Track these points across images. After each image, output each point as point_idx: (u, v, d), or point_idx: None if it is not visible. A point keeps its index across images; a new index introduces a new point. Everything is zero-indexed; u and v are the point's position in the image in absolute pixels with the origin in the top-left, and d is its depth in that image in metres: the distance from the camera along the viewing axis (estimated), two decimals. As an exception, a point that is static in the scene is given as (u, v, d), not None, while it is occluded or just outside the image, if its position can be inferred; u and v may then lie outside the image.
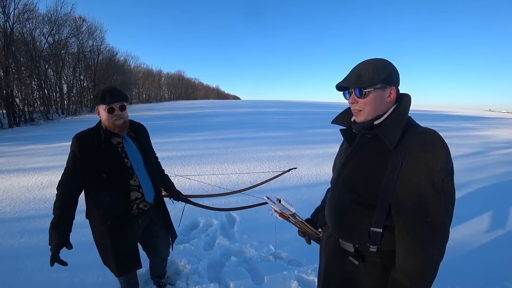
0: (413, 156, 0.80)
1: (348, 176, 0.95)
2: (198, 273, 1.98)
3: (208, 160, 5.43)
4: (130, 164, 1.46)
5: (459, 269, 2.19)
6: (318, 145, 7.04)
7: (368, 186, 0.88)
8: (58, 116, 15.16)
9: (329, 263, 1.07)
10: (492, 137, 9.56)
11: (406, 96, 0.91)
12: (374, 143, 0.89)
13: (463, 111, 33.70)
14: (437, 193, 0.77)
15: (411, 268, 0.81)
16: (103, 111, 1.38)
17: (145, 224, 1.61)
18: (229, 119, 13.73)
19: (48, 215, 2.96)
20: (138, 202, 1.51)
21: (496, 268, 2.24)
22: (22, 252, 2.36)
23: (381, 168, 0.85)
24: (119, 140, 1.47)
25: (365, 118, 0.91)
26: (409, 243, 0.81)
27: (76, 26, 16.75)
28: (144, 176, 1.52)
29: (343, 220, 0.97)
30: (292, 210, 1.18)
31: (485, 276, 2.14)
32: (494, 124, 15.25)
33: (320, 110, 21.99)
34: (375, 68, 0.87)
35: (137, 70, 32.44)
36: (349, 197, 0.94)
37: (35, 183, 4.14)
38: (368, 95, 0.87)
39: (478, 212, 3.26)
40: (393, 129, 0.84)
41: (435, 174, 0.77)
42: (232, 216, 2.98)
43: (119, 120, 1.39)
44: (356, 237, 0.93)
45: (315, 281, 1.98)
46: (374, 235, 0.89)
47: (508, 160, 6.01)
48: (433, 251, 0.79)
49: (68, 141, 6.27)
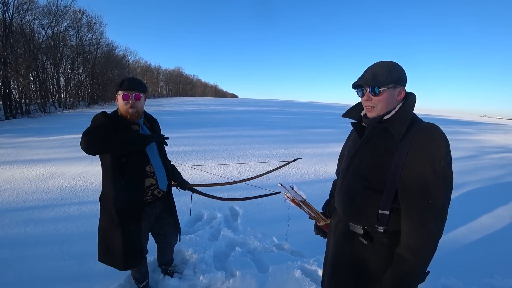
0: (417, 147, 0.90)
1: (359, 164, 1.04)
2: (205, 262, 2.05)
3: (209, 156, 5.50)
4: (145, 152, 1.50)
5: (453, 262, 2.30)
6: (317, 144, 7.14)
7: (377, 173, 0.98)
8: (55, 109, 15.03)
9: (339, 245, 1.16)
10: (487, 141, 9.79)
11: (411, 95, 1.02)
12: (383, 135, 0.98)
13: (459, 116, 34.19)
14: (438, 178, 0.87)
15: (415, 244, 0.90)
16: (119, 97, 1.44)
17: (158, 211, 1.65)
18: (227, 116, 13.77)
19: (52, 206, 3.03)
20: (153, 188, 1.55)
21: (488, 263, 2.36)
22: (29, 241, 2.38)
23: (389, 157, 0.95)
24: (137, 128, 1.52)
25: (377, 113, 1.01)
26: (414, 222, 0.91)
27: (76, 19, 16.60)
28: (159, 164, 1.57)
29: (354, 204, 1.05)
30: (304, 197, 1.28)
31: (477, 269, 2.25)
32: (489, 129, 15.54)
33: (319, 111, 22.14)
34: (388, 70, 0.97)
35: (135, 65, 32.23)
36: (360, 183, 1.03)
37: (37, 174, 4.16)
38: (382, 93, 0.98)
39: (472, 211, 3.38)
40: (400, 123, 0.94)
41: (437, 162, 0.87)
42: (235, 210, 3.05)
43: (132, 109, 1.44)
44: (366, 219, 1.02)
45: (317, 271, 2.07)
46: (382, 217, 0.99)
47: (502, 164, 6.18)
48: (434, 229, 0.89)
49: (66, 134, 6.31)
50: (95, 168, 4.50)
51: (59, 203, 3.16)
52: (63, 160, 4.98)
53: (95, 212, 2.94)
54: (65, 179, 3.94)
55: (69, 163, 4.74)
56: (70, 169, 4.41)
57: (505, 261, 2.39)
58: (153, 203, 1.58)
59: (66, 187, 3.65)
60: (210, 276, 1.90)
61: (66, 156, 5.22)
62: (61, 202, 3.19)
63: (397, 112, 0.99)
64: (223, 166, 4.71)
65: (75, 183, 3.78)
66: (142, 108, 1.51)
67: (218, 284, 1.88)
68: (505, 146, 8.97)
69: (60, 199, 3.26)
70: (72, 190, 3.53)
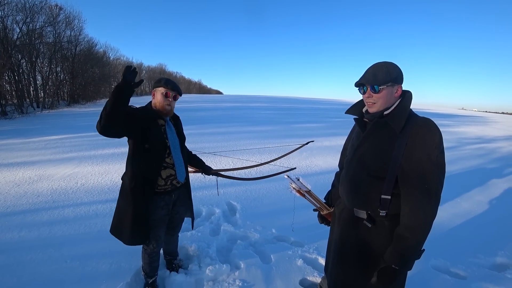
0: (415, 138, 1.02)
1: (363, 155, 1.16)
2: (210, 256, 2.09)
3: (199, 154, 5.49)
4: (168, 144, 1.64)
5: (441, 245, 2.48)
6: (306, 139, 7.24)
7: (379, 162, 1.09)
8: (33, 109, 14.36)
9: (344, 230, 1.27)
10: (465, 133, 10.33)
11: (408, 92, 1.15)
12: (384, 129, 1.10)
13: (439, 109, 35.59)
14: (433, 166, 1.00)
15: (412, 224, 1.03)
16: (160, 93, 1.60)
17: (175, 198, 1.76)
18: (214, 113, 13.69)
19: (44, 209, 2.98)
20: (172, 179, 1.67)
21: (471, 244, 2.56)
22: (24, 245, 2.33)
23: (389, 148, 1.07)
24: (163, 123, 1.66)
25: (377, 109, 1.13)
26: (412, 205, 1.03)
27: (53, 14, 15.78)
28: (179, 157, 1.70)
29: (359, 191, 1.17)
30: (309, 187, 1.42)
31: (462, 250, 2.44)
32: (467, 121, 16.33)
33: (304, 106, 22.39)
34: (387, 70, 1.09)
35: (116, 63, 31.09)
36: (364, 171, 1.15)
37: (23, 177, 4.02)
38: (382, 91, 1.09)
39: (455, 198, 3.62)
40: (399, 118, 1.07)
41: (432, 151, 1.00)
42: (233, 205, 3.11)
43: (169, 106, 1.61)
44: (370, 204, 1.14)
45: (317, 259, 2.17)
46: (384, 201, 1.10)
47: (480, 154, 6.58)
48: (429, 211, 1.02)
49: (48, 135, 6.11)
50: (85, 169, 4.41)
51: (51, 206, 3.09)
52: (49, 162, 4.83)
53: (90, 213, 2.91)
54: (54, 181, 3.84)
55: (57, 165, 4.61)
56: (59, 171, 4.29)
57: (486, 242, 2.59)
58: (171, 192, 1.70)
59: (56, 189, 3.56)
60: (216, 269, 1.95)
61: (52, 158, 5.06)
62: (54, 204, 3.12)
63: (396, 108, 1.11)
64: (214, 164, 4.73)
65: (66, 185, 3.70)
66: (174, 108, 1.69)
67: (224, 276, 1.94)
68: (482, 137, 9.49)
69: (52, 202, 3.19)
70: (63, 192, 3.45)
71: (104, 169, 4.42)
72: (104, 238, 2.44)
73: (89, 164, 4.70)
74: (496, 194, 3.90)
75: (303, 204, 2.31)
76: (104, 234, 2.51)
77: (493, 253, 2.42)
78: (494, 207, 3.45)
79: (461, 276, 2.14)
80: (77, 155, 5.28)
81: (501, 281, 2.05)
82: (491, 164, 5.69)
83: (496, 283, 2.03)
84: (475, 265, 2.24)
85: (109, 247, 2.27)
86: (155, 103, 1.63)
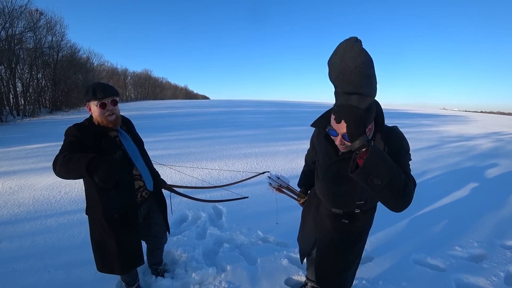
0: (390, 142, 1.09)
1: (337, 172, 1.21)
2: (196, 259, 2.10)
3: (186, 158, 5.47)
4: (129, 156, 1.48)
5: (421, 240, 2.59)
6: (291, 142, 7.36)
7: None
8: (13, 117, 13.90)
9: (323, 222, 1.38)
10: (446, 132, 10.75)
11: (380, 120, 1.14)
12: None
13: (421, 109, 36.72)
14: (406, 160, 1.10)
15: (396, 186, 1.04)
16: (95, 106, 1.36)
17: (145, 212, 1.65)
18: (201, 118, 13.64)
19: (26, 220, 2.91)
20: (141, 190, 1.55)
21: (449, 238, 2.67)
22: (5, 256, 2.26)
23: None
24: (115, 134, 1.47)
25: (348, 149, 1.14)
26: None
27: (33, 19, 15.41)
28: (143, 165, 1.55)
29: (335, 198, 1.27)
30: (288, 182, 1.63)
31: (441, 244, 2.55)
32: (448, 121, 16.96)
33: (289, 109, 22.63)
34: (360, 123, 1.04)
35: (100, 69, 30.62)
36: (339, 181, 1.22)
37: (3, 188, 3.89)
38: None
39: (434, 195, 3.76)
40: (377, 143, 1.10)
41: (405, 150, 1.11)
42: (219, 209, 3.12)
43: (112, 116, 1.39)
44: (346, 206, 1.26)
45: (302, 259, 2.21)
46: (359, 205, 1.24)
47: (460, 152, 6.84)
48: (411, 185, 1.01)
49: (29, 144, 5.96)
50: (68, 177, 4.31)
51: (33, 216, 3.01)
52: (30, 171, 4.69)
53: (74, 221, 2.86)
54: (36, 191, 3.74)
55: (38, 174, 4.49)
56: (40, 180, 4.18)
57: (463, 235, 2.71)
58: (141, 204, 1.58)
59: (38, 198, 3.48)
60: (202, 272, 1.96)
61: (33, 167, 4.92)
62: (36, 214, 3.04)
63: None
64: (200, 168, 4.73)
65: (48, 194, 3.61)
66: (119, 112, 1.46)
67: (210, 279, 1.95)
68: (462, 135, 9.89)
69: (34, 212, 3.11)
70: (46, 202, 3.37)
71: (89, 177, 4.33)
72: (88, 246, 2.36)
73: (72, 172, 4.59)
74: (472, 189, 4.08)
75: (287, 205, 2.37)
76: (88, 242, 2.46)
77: (470, 245, 2.54)
78: (470, 201, 3.61)
79: (440, 268, 2.23)
80: (60, 163, 5.15)
81: (478, 272, 2.16)
82: (470, 161, 5.93)
83: (474, 273, 2.14)
84: (454, 257, 2.34)
85: (92, 255, 2.23)
86: (95, 118, 1.40)
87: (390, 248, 2.43)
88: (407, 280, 2.03)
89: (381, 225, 2.76)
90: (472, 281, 2.09)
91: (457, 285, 2.04)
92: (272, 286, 1.92)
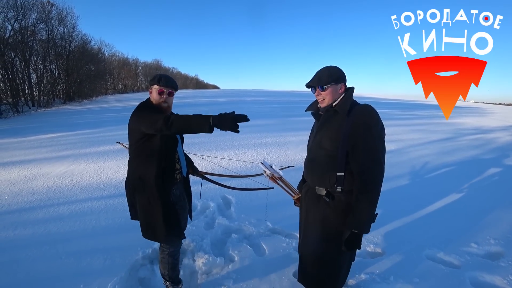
0: (358, 119, 1.28)
1: (320, 139, 1.40)
2: (203, 249, 2.10)
3: (197, 148, 5.47)
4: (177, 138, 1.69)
5: (434, 235, 2.50)
6: (301, 132, 7.25)
7: (332, 142, 1.33)
8: (28, 108, 14.24)
9: (309, 206, 1.51)
10: (462, 124, 10.31)
11: (351, 88, 1.42)
12: (334, 116, 1.37)
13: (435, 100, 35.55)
14: (374, 139, 1.27)
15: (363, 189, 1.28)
16: (155, 91, 1.60)
17: (177, 194, 1.75)
18: (210, 108, 13.60)
19: (39, 207, 2.97)
20: (178, 172, 1.70)
21: (465, 233, 2.57)
22: (20, 243, 2.33)
23: (339, 129, 1.31)
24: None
25: (327, 103, 1.40)
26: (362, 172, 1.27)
27: (45, 11, 15.54)
28: (181, 153, 1.75)
29: (318, 170, 1.41)
30: (281, 174, 1.69)
31: (456, 240, 2.46)
32: (464, 113, 16.30)
33: (298, 99, 22.31)
34: (329, 73, 1.37)
35: (112, 59, 30.84)
36: (321, 152, 1.39)
37: (18, 176, 4.01)
38: (327, 89, 1.37)
39: (450, 189, 3.64)
40: (344, 106, 1.33)
41: (372, 127, 1.27)
42: (228, 198, 3.12)
43: (165, 103, 1.62)
44: (328, 181, 1.37)
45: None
46: (339, 178, 1.34)
47: (476, 145, 6.57)
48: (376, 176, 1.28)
49: (44, 134, 6.06)
50: (80, 166, 4.40)
51: (46, 203, 3.09)
52: (44, 160, 4.81)
53: (85, 210, 2.91)
54: (49, 179, 3.83)
55: (51, 163, 4.60)
56: (54, 169, 4.28)
57: (479, 231, 2.60)
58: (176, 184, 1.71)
59: (51, 187, 3.56)
60: (210, 262, 1.96)
61: (47, 156, 5.05)
62: (49, 202, 3.12)
63: (341, 100, 1.38)
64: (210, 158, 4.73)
65: (61, 183, 3.69)
66: (172, 104, 1.69)
67: (218, 269, 1.95)
68: (479, 128, 9.51)
69: (47, 200, 3.18)
70: (58, 190, 3.45)
71: (100, 166, 4.41)
72: (98, 234, 2.45)
73: (84, 161, 4.69)
74: (489, 184, 3.93)
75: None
76: (98, 230, 2.52)
77: (487, 241, 2.43)
78: (487, 196, 3.47)
79: (455, 265, 2.15)
80: (73, 152, 5.27)
81: (495, 270, 2.06)
82: (487, 154, 5.70)
83: (490, 271, 2.04)
84: (469, 254, 2.25)
85: (103, 243, 2.27)
86: (153, 98, 1.64)
87: (402, 243, 2.36)
88: (419, 276, 1.96)
89: (393, 219, 2.69)
90: (488, 279, 2.00)
91: (472, 283, 1.95)
92: (280, 279, 1.90)
